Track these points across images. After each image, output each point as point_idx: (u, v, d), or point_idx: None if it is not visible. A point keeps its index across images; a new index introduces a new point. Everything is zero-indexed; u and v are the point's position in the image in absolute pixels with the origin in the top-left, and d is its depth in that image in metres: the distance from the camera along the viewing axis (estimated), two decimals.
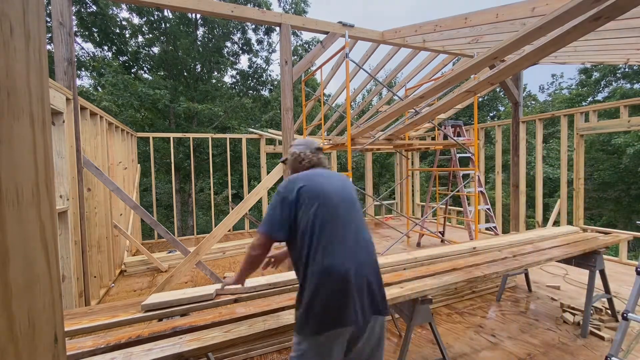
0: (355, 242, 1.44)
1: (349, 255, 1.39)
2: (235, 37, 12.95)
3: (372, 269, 1.44)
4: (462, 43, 4.69)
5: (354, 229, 1.46)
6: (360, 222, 1.51)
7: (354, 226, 1.47)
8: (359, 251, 1.43)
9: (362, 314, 1.35)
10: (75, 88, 3.26)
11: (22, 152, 0.44)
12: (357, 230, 1.47)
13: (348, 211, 1.48)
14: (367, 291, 1.39)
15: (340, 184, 1.56)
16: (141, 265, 5.07)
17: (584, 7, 1.97)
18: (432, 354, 2.53)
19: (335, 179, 1.57)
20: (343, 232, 1.42)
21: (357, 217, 1.51)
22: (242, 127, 12.32)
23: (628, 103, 4.79)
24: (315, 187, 1.47)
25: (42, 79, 0.48)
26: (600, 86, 16.70)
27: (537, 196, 6.07)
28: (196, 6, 3.59)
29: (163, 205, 13.57)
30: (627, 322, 2.13)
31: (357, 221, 1.50)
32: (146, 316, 1.73)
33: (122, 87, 9.93)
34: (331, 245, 1.38)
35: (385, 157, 16.98)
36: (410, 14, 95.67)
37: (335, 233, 1.40)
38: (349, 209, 1.49)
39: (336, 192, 1.49)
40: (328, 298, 1.33)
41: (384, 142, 4.80)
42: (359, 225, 1.49)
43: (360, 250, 1.44)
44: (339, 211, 1.45)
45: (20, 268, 0.43)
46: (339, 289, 1.34)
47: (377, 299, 1.41)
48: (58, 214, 2.86)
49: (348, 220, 1.46)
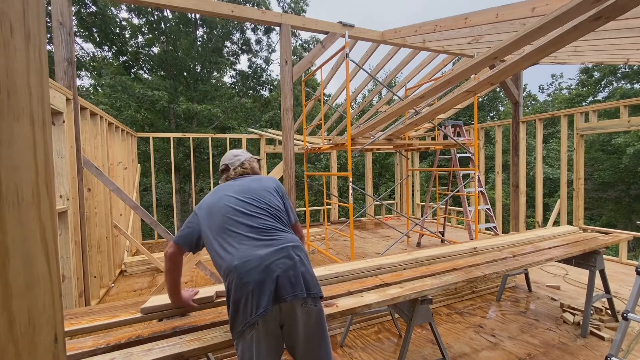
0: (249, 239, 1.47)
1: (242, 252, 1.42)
2: (235, 37, 12.96)
3: (277, 259, 1.40)
4: (462, 43, 4.70)
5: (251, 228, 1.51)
6: (263, 218, 1.54)
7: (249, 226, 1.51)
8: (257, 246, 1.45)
9: (259, 304, 1.32)
10: (75, 88, 3.26)
11: (22, 152, 0.44)
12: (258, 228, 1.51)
13: (244, 211, 1.54)
14: (270, 280, 1.35)
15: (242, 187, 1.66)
16: (141, 265, 5.07)
17: (584, 7, 1.97)
18: (432, 354, 2.53)
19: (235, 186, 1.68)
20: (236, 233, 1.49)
21: (259, 214, 1.55)
22: (242, 127, 12.33)
23: (628, 103, 4.79)
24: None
25: (42, 79, 0.48)
26: (600, 86, 16.71)
27: (537, 196, 6.07)
28: (196, 6, 3.60)
29: (163, 205, 13.58)
30: (627, 322, 2.13)
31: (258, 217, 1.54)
32: (146, 316, 1.73)
33: (119, 89, 9.94)
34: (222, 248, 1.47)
35: (385, 157, 16.98)
36: (410, 18, 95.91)
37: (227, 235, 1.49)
38: (245, 210, 1.55)
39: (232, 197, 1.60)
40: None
41: (384, 142, 4.80)
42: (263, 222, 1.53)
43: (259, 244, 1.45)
44: (230, 214, 1.53)
45: (20, 268, 0.43)
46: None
47: (284, 283, 1.36)
48: (58, 214, 2.86)
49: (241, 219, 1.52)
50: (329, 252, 5.48)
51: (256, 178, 1.78)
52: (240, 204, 1.56)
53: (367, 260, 2.56)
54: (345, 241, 6.54)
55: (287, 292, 1.34)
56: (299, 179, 12.61)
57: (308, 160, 14.45)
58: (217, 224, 1.51)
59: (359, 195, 14.67)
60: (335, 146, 5.04)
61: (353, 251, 4.14)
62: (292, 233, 1.60)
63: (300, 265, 1.42)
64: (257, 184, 1.70)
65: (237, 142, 11.14)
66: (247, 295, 1.32)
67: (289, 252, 1.43)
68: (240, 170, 1.82)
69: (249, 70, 13.72)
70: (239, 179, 1.76)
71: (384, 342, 2.73)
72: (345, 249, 5.91)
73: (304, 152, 5.64)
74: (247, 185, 1.68)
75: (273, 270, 1.36)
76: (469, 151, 5.32)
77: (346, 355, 2.55)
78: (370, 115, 8.32)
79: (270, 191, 1.68)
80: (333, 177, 9.36)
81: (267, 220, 1.54)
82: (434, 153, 10.43)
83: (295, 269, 1.40)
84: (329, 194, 10.27)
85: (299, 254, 1.46)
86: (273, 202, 1.64)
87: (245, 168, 1.83)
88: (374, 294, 2.00)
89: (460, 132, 5.68)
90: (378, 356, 2.53)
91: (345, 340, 2.73)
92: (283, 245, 1.44)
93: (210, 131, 11.64)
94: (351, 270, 2.33)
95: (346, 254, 5.53)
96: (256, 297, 1.31)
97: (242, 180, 1.74)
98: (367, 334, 2.88)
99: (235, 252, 1.41)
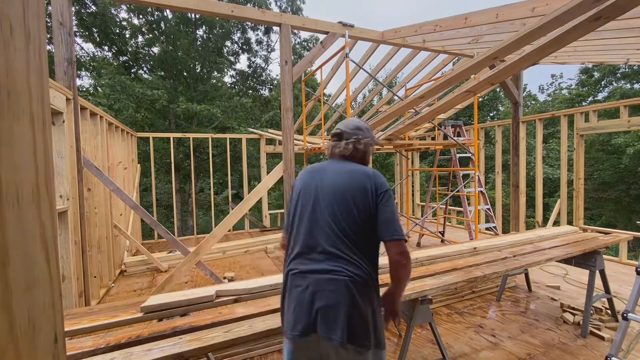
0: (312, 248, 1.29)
1: (297, 264, 1.30)
2: (235, 36, 12.95)
3: (321, 283, 1.23)
4: (462, 43, 4.70)
5: (322, 234, 1.29)
6: (336, 227, 1.28)
7: (322, 231, 1.29)
8: (306, 261, 1.29)
9: (296, 327, 1.22)
10: (75, 88, 3.26)
11: (22, 153, 0.44)
12: (326, 236, 1.28)
13: (321, 214, 1.32)
14: (308, 306, 1.21)
15: (333, 181, 1.36)
16: (141, 265, 5.07)
17: (584, 7, 1.97)
18: (432, 354, 2.53)
19: (330, 173, 1.39)
20: (304, 236, 1.32)
21: (333, 220, 1.29)
22: (242, 127, 12.33)
23: (628, 103, 4.79)
24: (300, 183, 1.44)
25: (42, 79, 0.48)
26: (600, 86, 16.71)
27: (537, 196, 6.07)
28: (196, 6, 3.60)
29: (163, 205, 13.57)
30: (627, 322, 2.13)
31: (329, 225, 1.28)
32: (146, 316, 1.73)
33: (118, 90, 9.93)
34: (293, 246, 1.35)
35: (385, 157, 16.98)
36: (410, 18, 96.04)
37: (297, 236, 1.34)
38: (305, 217, 1.35)
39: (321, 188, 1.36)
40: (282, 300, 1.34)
41: (384, 142, 4.80)
42: (333, 231, 1.28)
43: (316, 258, 1.27)
44: (308, 212, 1.35)
45: (20, 268, 0.43)
46: (282, 293, 1.35)
47: (318, 320, 1.19)
48: (58, 214, 2.86)
49: (316, 223, 1.31)
50: None
51: (352, 170, 1.38)
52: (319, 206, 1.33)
53: None
54: None
55: (323, 330, 1.18)
56: None
57: (308, 160, 14.45)
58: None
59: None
60: None
61: None
62: (365, 258, 1.29)
63: (348, 307, 1.19)
64: (347, 181, 1.34)
65: (237, 142, 11.14)
66: (287, 305, 1.27)
67: (342, 288, 1.21)
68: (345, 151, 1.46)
69: (249, 70, 13.72)
70: (337, 164, 1.44)
71: None
72: None
73: (304, 152, 5.63)
74: (334, 181, 1.36)
75: (317, 299, 1.21)
76: (469, 151, 5.32)
77: None
78: (370, 115, 8.32)
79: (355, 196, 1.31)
80: None
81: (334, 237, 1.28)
82: (434, 153, 10.42)
83: (337, 308, 1.19)
84: None
85: (355, 291, 1.22)
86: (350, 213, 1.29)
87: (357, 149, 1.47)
88: None
89: (460, 132, 5.68)
90: None
91: None
92: (338, 278, 1.22)
93: (210, 131, 11.64)
94: None
95: None
96: (293, 317, 1.23)
97: (339, 166, 1.42)
98: None
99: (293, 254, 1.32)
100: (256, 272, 4.82)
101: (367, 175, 1.33)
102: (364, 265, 1.28)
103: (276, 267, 5.03)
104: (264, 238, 6.30)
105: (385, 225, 1.28)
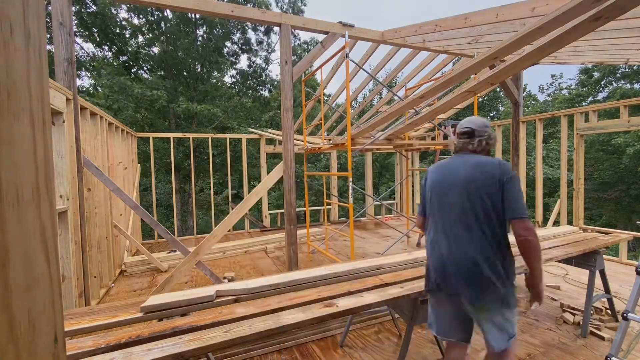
0: (447, 233, 1.66)
1: (435, 241, 1.71)
2: (235, 37, 12.95)
3: (457, 262, 1.59)
4: (462, 43, 4.69)
5: (452, 219, 1.65)
6: (464, 215, 1.60)
7: (452, 217, 1.65)
8: (448, 242, 1.65)
9: (440, 289, 1.68)
10: (75, 88, 3.26)
11: (22, 152, 0.44)
12: (454, 221, 1.64)
13: (453, 203, 1.65)
14: (441, 273, 1.65)
15: (461, 175, 1.66)
16: (141, 265, 5.07)
17: (584, 7, 1.97)
18: (432, 354, 2.53)
19: (460, 169, 1.68)
20: (442, 221, 1.69)
21: (460, 210, 1.61)
22: (242, 127, 12.33)
23: (628, 103, 4.79)
24: (433, 178, 1.80)
25: (42, 79, 0.48)
26: (600, 86, 16.71)
27: (537, 196, 6.07)
28: (197, 6, 3.60)
29: (163, 205, 13.58)
30: (627, 322, 2.13)
31: (459, 214, 1.62)
32: (146, 316, 1.73)
33: (117, 90, 9.93)
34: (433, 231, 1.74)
35: (385, 157, 16.98)
36: (410, 18, 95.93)
37: (436, 220, 1.73)
38: (445, 202, 1.69)
39: (450, 183, 1.69)
40: (426, 268, 1.78)
41: (384, 142, 4.80)
42: (456, 219, 1.62)
43: (449, 241, 1.64)
44: (443, 203, 1.70)
45: (20, 268, 0.43)
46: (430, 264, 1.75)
47: (450, 282, 1.61)
48: (58, 214, 2.86)
49: (449, 211, 1.66)
50: (329, 252, 5.48)
51: (482, 162, 1.64)
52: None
53: (367, 260, 2.56)
54: (345, 241, 6.54)
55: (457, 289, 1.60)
56: (299, 179, 12.60)
57: (308, 160, 14.45)
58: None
59: (359, 195, 14.67)
60: (335, 146, 5.04)
61: (353, 251, 4.14)
62: (494, 235, 1.55)
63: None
64: (479, 171, 1.61)
65: (237, 142, 11.14)
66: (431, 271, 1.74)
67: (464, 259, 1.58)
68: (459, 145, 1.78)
69: (249, 70, 13.71)
70: (468, 157, 1.72)
71: (384, 342, 2.73)
72: (345, 249, 5.91)
73: (304, 152, 5.64)
74: (467, 171, 1.64)
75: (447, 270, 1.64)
76: None
77: (346, 355, 2.55)
78: (370, 115, 8.32)
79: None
80: (333, 177, 9.36)
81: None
82: (434, 153, 10.42)
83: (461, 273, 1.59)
84: (329, 194, 10.28)
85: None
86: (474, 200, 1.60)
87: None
88: (374, 293, 2.01)
89: None
90: (378, 356, 2.53)
91: (345, 341, 2.73)
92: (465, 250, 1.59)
93: (210, 131, 11.64)
94: (351, 270, 2.33)
95: (346, 254, 5.53)
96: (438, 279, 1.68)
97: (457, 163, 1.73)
98: (367, 334, 2.88)
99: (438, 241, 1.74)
100: (256, 272, 4.82)
101: (495, 164, 1.61)
102: (493, 241, 1.56)
103: (276, 267, 5.03)
104: (264, 238, 6.30)
105: (510, 205, 1.52)
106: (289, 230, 4.20)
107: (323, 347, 2.65)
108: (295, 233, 4.24)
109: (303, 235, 6.18)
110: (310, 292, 2.05)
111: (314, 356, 2.54)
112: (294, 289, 2.09)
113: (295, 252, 4.26)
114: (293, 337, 2.70)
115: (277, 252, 5.92)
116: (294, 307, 1.83)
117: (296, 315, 1.73)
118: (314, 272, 2.27)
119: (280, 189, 15.14)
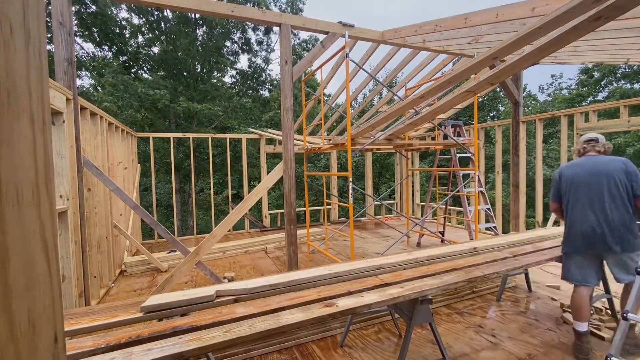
0: (590, 209, 2.40)
1: (584, 216, 2.42)
2: (235, 36, 12.95)
3: (602, 225, 2.34)
4: (462, 43, 4.69)
5: (596, 201, 2.38)
6: (609, 195, 2.34)
7: (596, 199, 2.38)
8: (596, 215, 2.36)
9: (589, 247, 2.42)
10: (75, 88, 3.26)
11: (22, 152, 0.44)
12: (596, 201, 2.38)
13: (591, 190, 2.40)
14: (593, 236, 2.38)
15: (589, 170, 2.43)
16: (141, 265, 5.07)
17: (584, 7, 1.97)
18: (432, 354, 2.53)
19: (597, 165, 2.42)
20: (589, 202, 2.41)
21: (606, 192, 2.35)
22: (242, 127, 12.33)
23: (628, 103, 4.79)
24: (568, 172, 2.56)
25: (42, 79, 0.48)
26: (600, 86, 16.71)
27: (537, 196, 6.07)
28: (197, 6, 3.60)
29: (163, 205, 13.58)
30: (627, 322, 2.13)
31: (604, 195, 2.35)
32: (146, 316, 1.73)
33: (122, 88, 9.94)
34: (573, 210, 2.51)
35: (385, 157, 16.97)
36: (410, 18, 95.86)
37: (576, 201, 2.48)
38: (591, 189, 2.40)
39: (583, 175, 2.44)
40: (572, 236, 2.52)
41: (384, 142, 4.80)
42: (600, 200, 2.36)
43: (596, 215, 2.36)
44: (581, 189, 2.45)
45: (20, 268, 0.43)
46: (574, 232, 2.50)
47: (602, 241, 2.34)
48: (58, 214, 2.86)
49: (595, 193, 2.39)
50: (329, 252, 5.48)
51: (610, 160, 2.40)
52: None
53: (367, 260, 2.56)
54: (345, 241, 6.55)
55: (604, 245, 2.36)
56: (299, 178, 12.61)
57: (308, 160, 14.45)
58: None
59: (359, 195, 14.67)
60: (335, 146, 5.04)
61: (353, 251, 4.14)
62: (627, 211, 2.32)
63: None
64: (610, 166, 2.38)
65: (237, 142, 11.14)
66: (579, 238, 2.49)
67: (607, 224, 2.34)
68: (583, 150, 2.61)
69: (249, 70, 13.71)
70: (597, 157, 2.49)
71: (384, 342, 2.73)
72: (345, 249, 5.91)
73: (304, 152, 5.63)
74: (599, 167, 2.42)
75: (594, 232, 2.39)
76: (469, 151, 5.32)
77: (346, 355, 2.55)
78: (370, 115, 8.32)
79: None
80: (333, 177, 9.36)
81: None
82: (434, 153, 10.42)
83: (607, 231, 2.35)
84: (329, 194, 10.28)
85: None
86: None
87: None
88: (374, 294, 2.01)
89: (460, 132, 5.68)
90: (378, 356, 2.53)
91: (346, 340, 2.73)
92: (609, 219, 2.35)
93: (210, 131, 11.64)
94: (351, 270, 2.33)
95: (346, 254, 5.54)
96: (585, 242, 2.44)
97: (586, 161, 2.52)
98: (367, 334, 2.88)
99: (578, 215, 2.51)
100: (256, 272, 4.82)
101: (620, 160, 2.38)
102: (627, 212, 2.33)
103: (276, 267, 5.03)
104: (264, 238, 6.30)
105: (636, 187, 2.30)
106: (289, 230, 4.21)
107: (323, 347, 2.65)
108: (295, 233, 4.24)
109: (303, 235, 6.18)
110: (310, 292, 2.05)
111: (314, 356, 2.54)
112: (294, 289, 2.09)
113: (295, 252, 4.26)
114: (293, 337, 2.70)
115: (277, 252, 5.92)
116: (294, 307, 1.83)
117: (296, 315, 1.73)
118: (314, 272, 2.27)
119: (280, 189, 15.14)
